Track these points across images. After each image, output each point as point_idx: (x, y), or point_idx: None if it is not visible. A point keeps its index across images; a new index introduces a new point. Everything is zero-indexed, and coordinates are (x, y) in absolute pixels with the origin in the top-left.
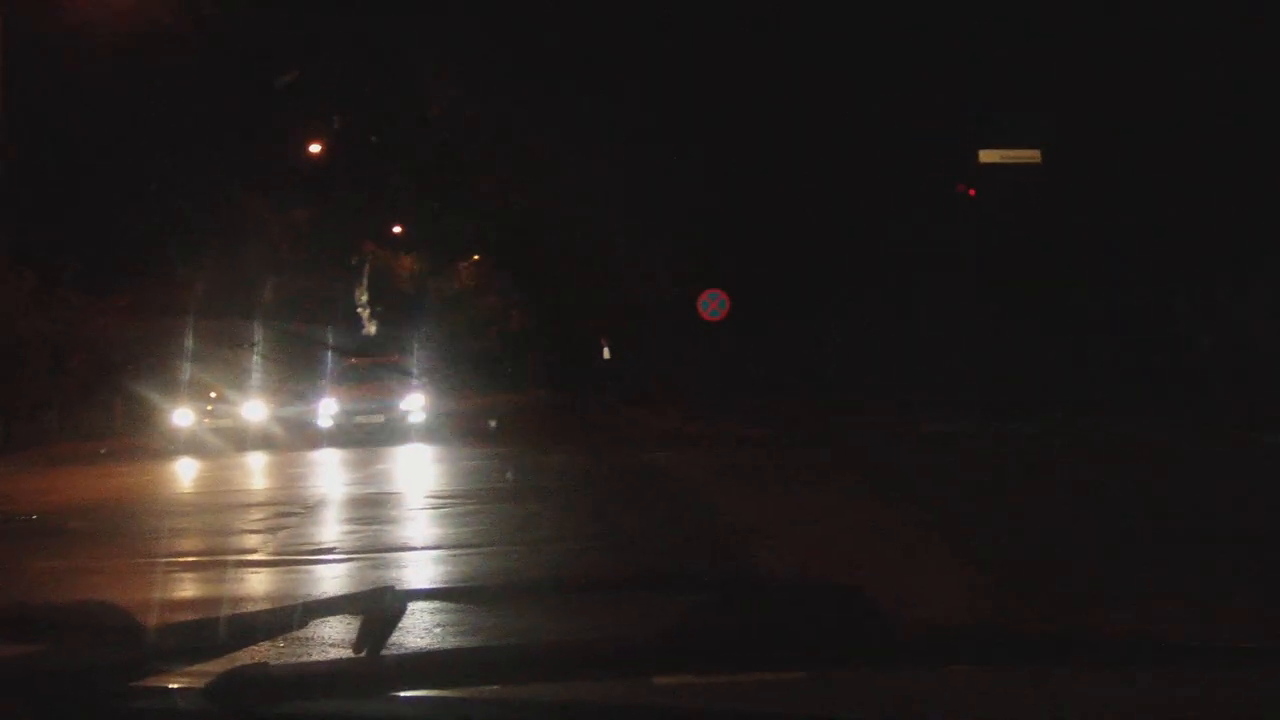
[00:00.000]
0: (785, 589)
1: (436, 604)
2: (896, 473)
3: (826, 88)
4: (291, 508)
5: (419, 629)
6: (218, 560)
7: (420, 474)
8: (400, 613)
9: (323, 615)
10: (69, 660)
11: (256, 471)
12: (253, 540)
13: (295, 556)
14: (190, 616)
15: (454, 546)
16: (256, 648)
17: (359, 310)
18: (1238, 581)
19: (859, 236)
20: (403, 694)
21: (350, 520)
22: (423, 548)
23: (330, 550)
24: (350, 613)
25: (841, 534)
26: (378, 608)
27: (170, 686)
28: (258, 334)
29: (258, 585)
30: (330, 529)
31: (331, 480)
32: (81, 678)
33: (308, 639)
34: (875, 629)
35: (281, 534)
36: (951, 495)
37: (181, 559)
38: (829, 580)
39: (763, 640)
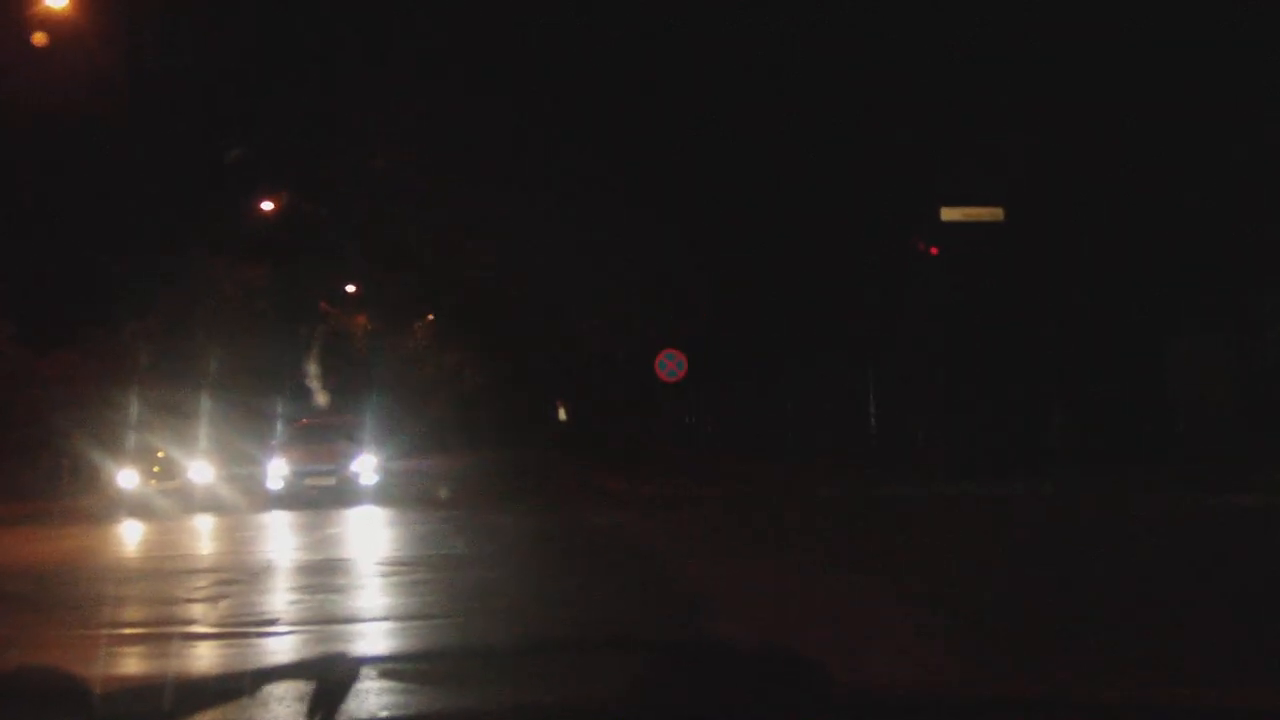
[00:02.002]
0: (732, 654)
1: (389, 670)
2: (851, 537)
3: (786, 146)
4: (236, 574)
5: (371, 697)
6: (155, 633)
7: (371, 538)
8: (352, 680)
9: (272, 682)
10: None
11: (202, 535)
12: (195, 610)
13: (237, 629)
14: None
15: (405, 617)
16: (203, 715)
17: (308, 383)
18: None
19: (819, 295)
20: None
21: (297, 589)
22: (372, 619)
23: (274, 621)
24: (301, 679)
25: (791, 599)
26: (329, 675)
27: None
28: (205, 405)
29: (195, 660)
30: (276, 598)
31: (279, 545)
32: None
33: (256, 707)
34: (821, 693)
35: (224, 604)
36: (906, 561)
37: (118, 630)
38: (775, 645)
39: (713, 706)
